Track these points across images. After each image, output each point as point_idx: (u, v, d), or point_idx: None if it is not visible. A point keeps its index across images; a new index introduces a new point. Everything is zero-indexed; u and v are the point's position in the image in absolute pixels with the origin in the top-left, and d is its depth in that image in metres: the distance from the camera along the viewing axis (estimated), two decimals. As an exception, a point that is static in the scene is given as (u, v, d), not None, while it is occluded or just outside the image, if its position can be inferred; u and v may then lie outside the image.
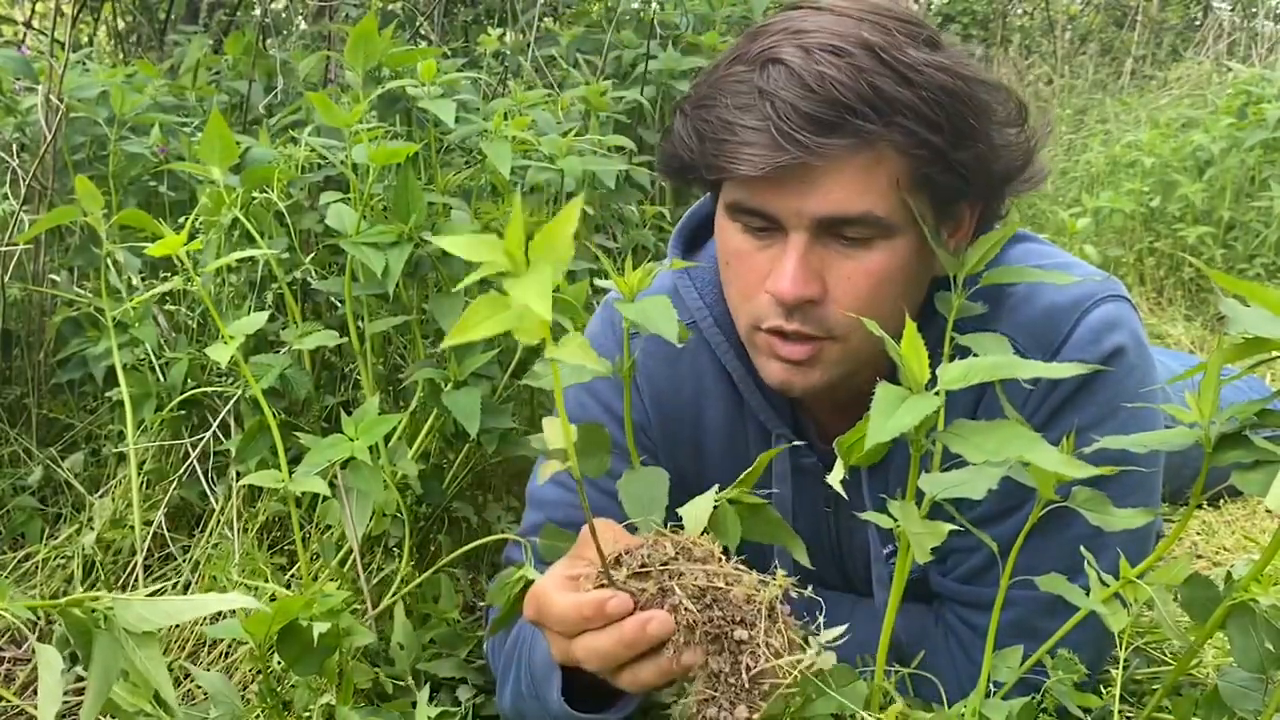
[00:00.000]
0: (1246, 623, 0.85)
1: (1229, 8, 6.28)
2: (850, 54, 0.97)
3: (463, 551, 1.36)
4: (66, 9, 2.01)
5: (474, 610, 1.54)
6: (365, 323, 1.47)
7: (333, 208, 1.42)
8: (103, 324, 1.60)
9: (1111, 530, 0.85)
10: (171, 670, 0.81)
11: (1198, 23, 6.47)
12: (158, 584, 1.54)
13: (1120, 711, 1.02)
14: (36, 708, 0.74)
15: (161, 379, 1.61)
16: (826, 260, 1.02)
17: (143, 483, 1.61)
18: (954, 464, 0.80)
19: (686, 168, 1.07)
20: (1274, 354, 0.77)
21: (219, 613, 1.36)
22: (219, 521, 1.55)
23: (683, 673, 0.82)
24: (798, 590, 0.84)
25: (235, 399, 1.57)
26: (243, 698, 1.13)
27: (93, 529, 1.58)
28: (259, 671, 1.16)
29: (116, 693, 0.87)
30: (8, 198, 1.80)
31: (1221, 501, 2.00)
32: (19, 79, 1.90)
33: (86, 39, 3.38)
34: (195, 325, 1.70)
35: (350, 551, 1.32)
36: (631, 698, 0.98)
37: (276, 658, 1.12)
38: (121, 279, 1.65)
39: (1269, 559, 0.82)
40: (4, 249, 1.76)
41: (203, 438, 1.59)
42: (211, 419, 1.59)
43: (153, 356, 1.61)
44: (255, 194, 1.51)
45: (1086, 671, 0.96)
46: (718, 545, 0.85)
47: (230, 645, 1.42)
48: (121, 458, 1.68)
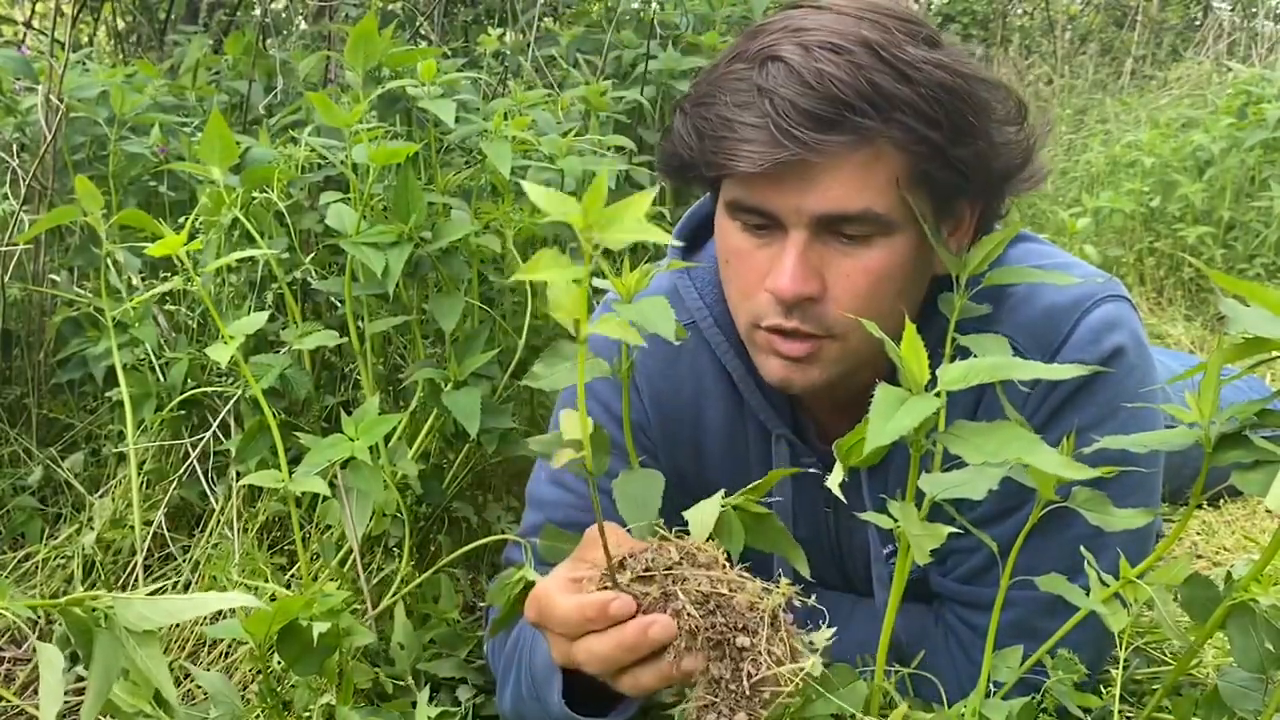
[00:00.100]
0: (1246, 623, 0.85)
1: (1229, 8, 6.28)
2: (849, 51, 0.97)
3: (463, 552, 1.36)
4: (66, 9, 2.01)
5: (474, 610, 1.54)
6: (365, 323, 1.47)
7: (333, 208, 1.42)
8: (103, 324, 1.60)
9: (1111, 530, 0.85)
10: (171, 670, 0.81)
11: (1198, 23, 6.47)
12: (158, 584, 1.54)
13: (1120, 711, 1.02)
14: (37, 708, 0.74)
15: (161, 379, 1.61)
16: (826, 258, 1.02)
17: (143, 483, 1.61)
18: (954, 464, 0.80)
19: (686, 166, 1.07)
20: (1274, 354, 0.77)
21: (219, 612, 1.36)
22: (219, 521, 1.55)
23: (683, 678, 0.82)
24: (800, 599, 0.83)
25: (235, 399, 1.57)
26: (243, 698, 1.13)
27: (93, 529, 1.58)
28: (259, 671, 1.16)
29: (116, 693, 0.87)
30: (8, 198, 1.80)
31: (1221, 501, 2.00)
32: (19, 79, 1.90)
33: (86, 39, 3.38)
34: (195, 325, 1.70)
35: (350, 551, 1.32)
36: (632, 701, 0.98)
37: (276, 658, 1.12)
38: (121, 279, 1.65)
39: (1269, 559, 0.82)
40: (4, 249, 1.76)
41: (203, 438, 1.59)
42: (211, 419, 1.59)
43: (153, 356, 1.61)
44: (255, 194, 1.51)
45: (1086, 671, 0.96)
46: (722, 551, 0.85)
47: (230, 645, 1.42)
48: (121, 458, 1.68)
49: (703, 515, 0.87)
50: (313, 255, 1.57)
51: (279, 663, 1.15)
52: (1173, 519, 1.79)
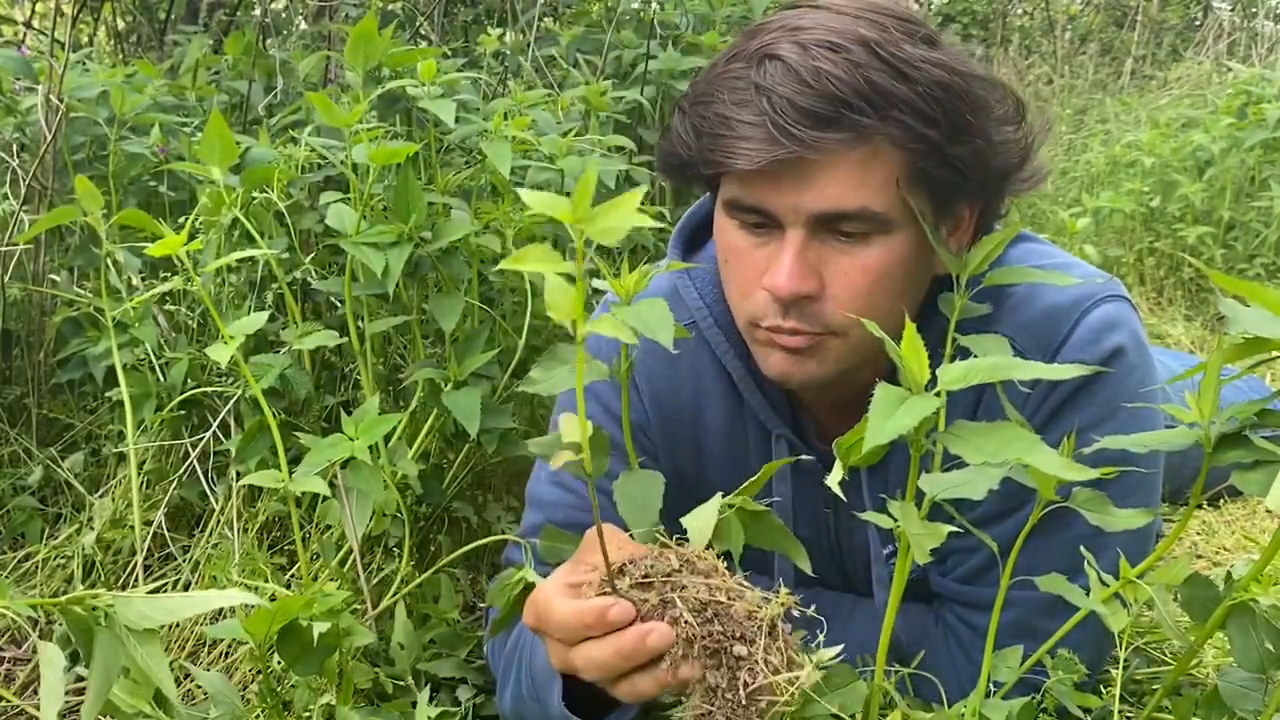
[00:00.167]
0: (1246, 623, 0.85)
1: (1229, 8, 6.28)
2: (847, 50, 0.97)
3: (463, 552, 1.36)
4: (66, 9, 2.01)
5: (474, 610, 1.54)
6: (365, 323, 1.47)
7: (333, 208, 1.42)
8: (103, 324, 1.60)
9: (1111, 530, 0.85)
10: (171, 670, 0.81)
11: (1198, 23, 6.47)
12: (158, 584, 1.54)
13: (1120, 711, 1.02)
14: (37, 707, 0.74)
15: (161, 379, 1.61)
16: (824, 256, 1.02)
17: (143, 483, 1.61)
18: (954, 464, 0.80)
19: (684, 165, 1.07)
20: (1274, 354, 0.77)
21: (219, 612, 1.36)
22: (219, 521, 1.55)
23: (680, 686, 0.82)
24: (800, 609, 0.83)
25: (235, 399, 1.57)
26: (243, 698, 1.13)
27: (93, 529, 1.58)
28: (259, 671, 1.16)
29: (116, 693, 0.87)
30: (8, 198, 1.80)
31: (1221, 501, 2.00)
32: (19, 79, 1.90)
33: (86, 39, 3.38)
34: (195, 325, 1.70)
35: (350, 551, 1.32)
36: (631, 704, 0.98)
37: (276, 658, 1.12)
38: (121, 279, 1.65)
39: (1269, 559, 0.82)
40: (4, 249, 1.76)
41: (203, 438, 1.59)
42: (211, 419, 1.59)
43: (153, 356, 1.61)
44: (255, 194, 1.51)
45: (1086, 671, 0.96)
46: (722, 560, 0.85)
47: (230, 645, 1.42)
48: (121, 458, 1.68)
49: (701, 521, 0.86)
50: (313, 255, 1.57)
51: (279, 663, 1.15)
52: (1173, 519, 1.79)
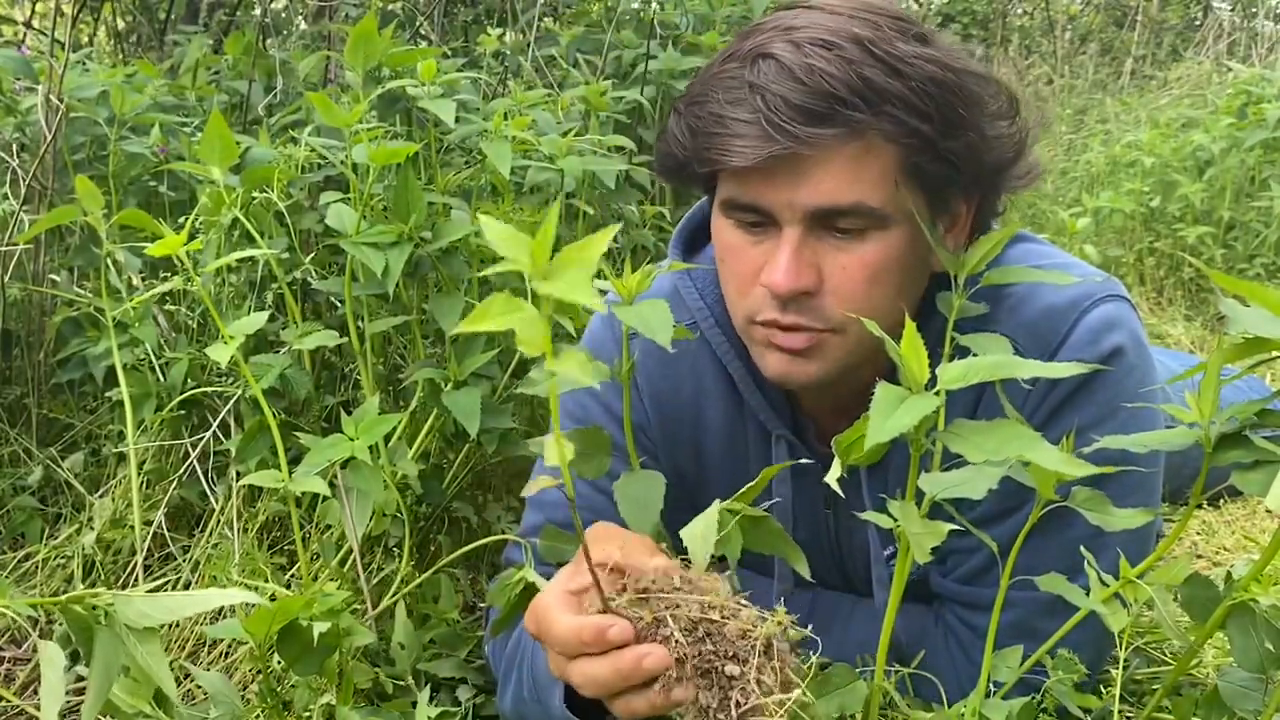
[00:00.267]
0: (1246, 623, 0.85)
1: (1229, 8, 6.28)
2: (840, 47, 0.98)
3: (463, 552, 1.36)
4: (66, 9, 2.01)
5: (474, 610, 1.54)
6: (365, 323, 1.47)
7: (333, 208, 1.42)
8: (103, 324, 1.60)
9: (1111, 530, 0.85)
10: (171, 670, 0.81)
11: (1198, 23, 6.47)
12: (158, 584, 1.53)
13: (1120, 711, 1.02)
14: (37, 707, 0.74)
15: (161, 379, 1.61)
16: (821, 253, 1.03)
17: (143, 483, 1.61)
18: (954, 464, 0.80)
19: (681, 165, 1.07)
20: (1274, 354, 0.77)
21: (219, 612, 1.36)
22: (219, 521, 1.55)
23: (673, 707, 0.82)
24: (798, 630, 0.83)
25: (235, 399, 1.57)
26: (243, 698, 1.13)
27: (93, 529, 1.58)
28: (259, 671, 1.16)
29: (116, 693, 0.87)
30: (8, 198, 1.80)
31: (1221, 501, 2.00)
32: (19, 79, 1.90)
33: (86, 39, 3.38)
34: (195, 325, 1.70)
35: (350, 551, 1.32)
36: None
37: (276, 658, 1.12)
38: (121, 279, 1.65)
39: (1269, 559, 0.82)
40: (4, 249, 1.76)
41: (203, 438, 1.59)
42: (211, 419, 1.59)
43: (153, 356, 1.61)
44: (255, 194, 1.51)
45: (1086, 671, 0.96)
46: (722, 576, 0.85)
47: (230, 645, 1.42)
48: (121, 458, 1.68)
49: (700, 533, 0.86)
50: (313, 255, 1.57)
51: (279, 663, 1.15)
52: (1173, 519, 1.79)
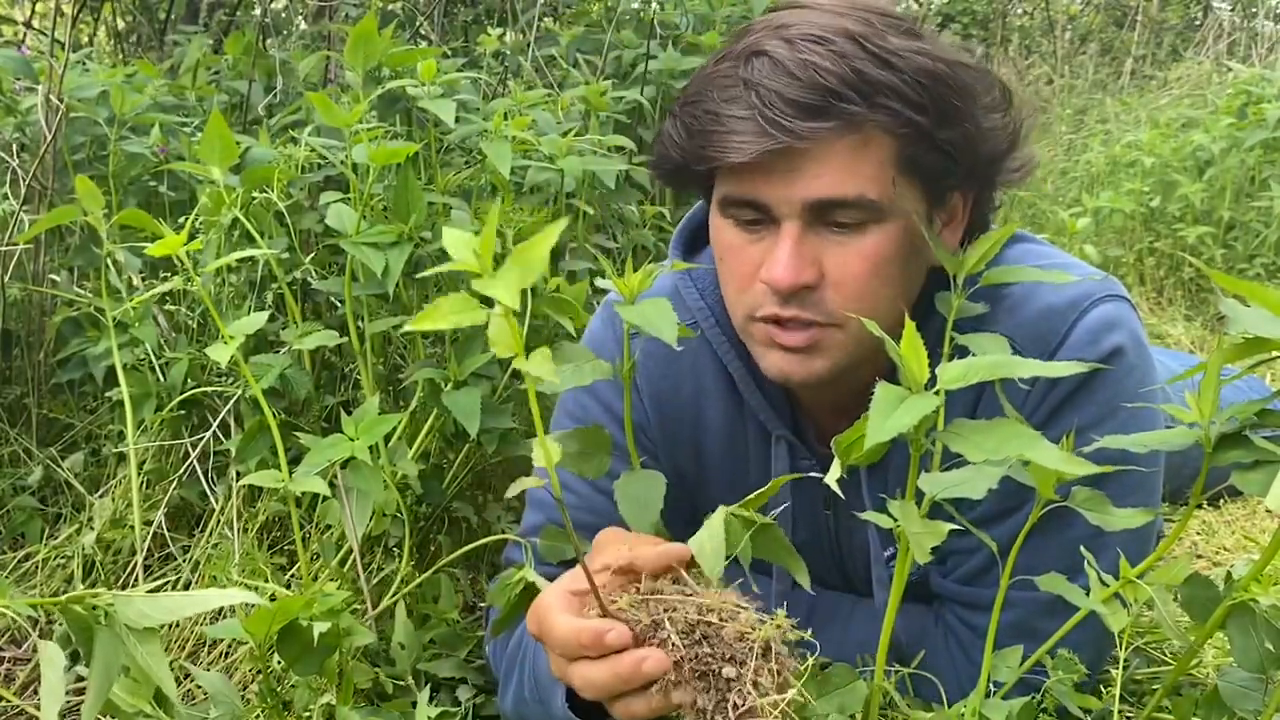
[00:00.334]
0: (1246, 623, 0.85)
1: (1229, 8, 6.28)
2: (832, 42, 0.99)
3: (463, 552, 1.36)
4: (66, 9, 2.01)
5: (474, 610, 1.54)
6: (365, 323, 1.47)
7: (333, 208, 1.42)
8: (103, 324, 1.60)
9: (1111, 530, 0.85)
10: (171, 670, 0.81)
11: (1198, 23, 6.47)
12: (158, 584, 1.53)
13: (1120, 711, 1.02)
14: (37, 707, 0.74)
15: (161, 379, 1.61)
16: (820, 248, 1.03)
17: (143, 483, 1.61)
18: (953, 464, 0.80)
19: (678, 166, 1.08)
20: (1274, 354, 0.77)
21: (219, 612, 1.36)
22: (219, 521, 1.55)
23: (671, 709, 0.82)
24: (797, 632, 0.83)
25: (235, 399, 1.57)
26: (243, 698, 1.13)
27: (93, 529, 1.58)
28: (259, 671, 1.16)
29: (117, 692, 0.87)
30: (8, 198, 1.80)
31: (1221, 501, 2.00)
32: (19, 79, 1.90)
33: (86, 39, 3.38)
34: (195, 325, 1.70)
35: (350, 551, 1.32)
36: None
37: (276, 658, 1.12)
38: (121, 279, 1.65)
39: (1269, 559, 0.82)
40: (4, 249, 1.76)
41: (203, 438, 1.59)
42: (211, 419, 1.59)
43: (153, 356, 1.61)
44: (255, 194, 1.51)
45: (1086, 672, 0.96)
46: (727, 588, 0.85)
47: (230, 645, 1.42)
48: (121, 458, 1.68)
49: (709, 543, 0.86)
50: (313, 255, 1.57)
51: (279, 663, 1.15)
52: (1173, 519, 1.79)
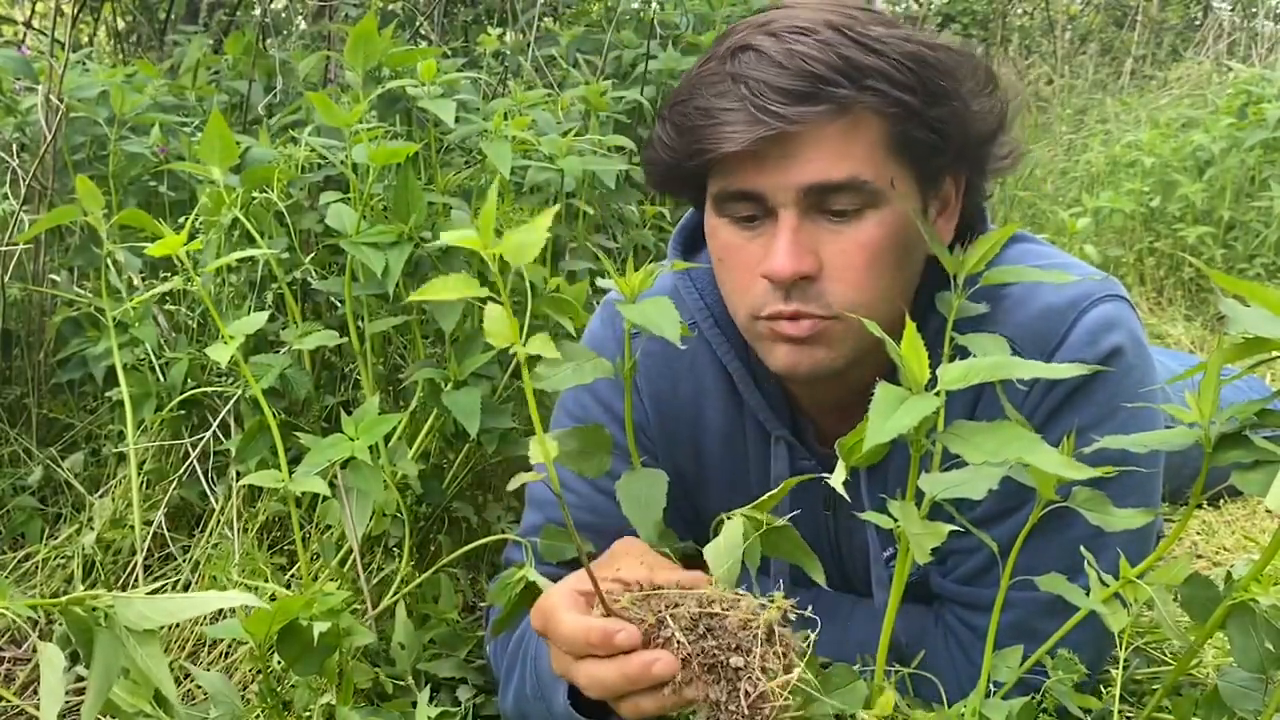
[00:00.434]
0: (1246, 623, 0.85)
1: (1229, 8, 6.28)
2: (817, 32, 1.01)
3: (463, 551, 1.36)
4: (66, 9, 2.01)
5: (474, 610, 1.54)
6: (365, 323, 1.47)
7: (333, 208, 1.42)
8: (103, 324, 1.60)
9: (1111, 530, 0.85)
10: (171, 670, 0.81)
11: (1198, 23, 6.47)
12: (158, 584, 1.54)
13: (1120, 711, 1.02)
14: (37, 707, 0.74)
15: (161, 379, 1.61)
16: (818, 237, 1.03)
17: (143, 483, 1.61)
18: (953, 464, 0.80)
19: (671, 168, 1.08)
20: (1274, 354, 0.77)
21: (219, 612, 1.36)
22: (219, 521, 1.55)
23: (685, 705, 0.82)
24: (797, 611, 0.83)
25: (235, 399, 1.57)
26: (243, 698, 1.13)
27: (93, 529, 1.58)
28: (259, 671, 1.16)
29: (116, 693, 0.87)
30: (8, 198, 1.80)
31: (1221, 501, 2.00)
32: (19, 79, 1.90)
33: (86, 39, 3.38)
34: (195, 325, 1.70)
35: (350, 551, 1.32)
36: None
37: (276, 658, 1.12)
38: (121, 279, 1.65)
39: (1269, 559, 0.82)
40: (4, 249, 1.76)
41: (203, 438, 1.59)
42: (211, 419, 1.59)
43: (153, 356, 1.61)
44: (255, 194, 1.51)
45: (1086, 672, 0.96)
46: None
47: (230, 645, 1.42)
48: (121, 458, 1.68)
49: (724, 552, 0.86)
50: (313, 255, 1.57)
51: (279, 663, 1.15)
52: (1173, 519, 1.79)
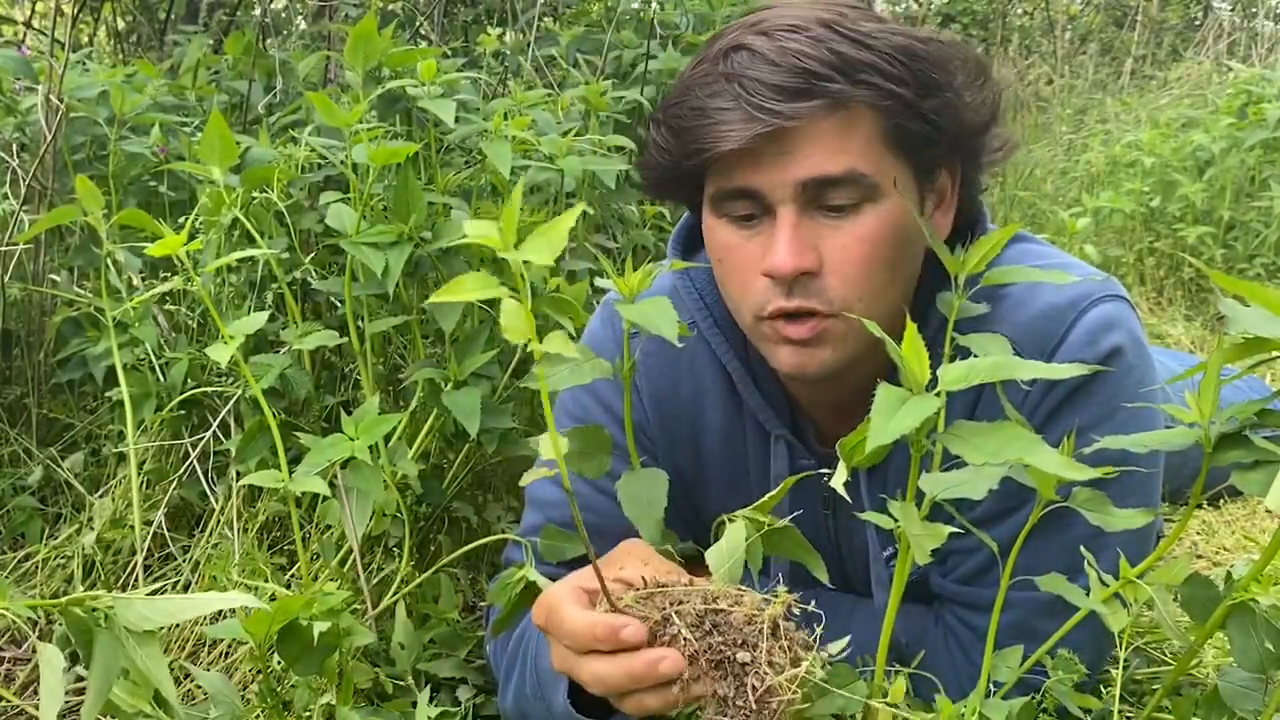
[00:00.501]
0: (1246, 623, 0.85)
1: (1229, 8, 6.28)
2: (808, 29, 1.01)
3: (463, 551, 1.36)
4: (66, 9, 2.01)
5: (474, 610, 1.54)
6: (365, 323, 1.47)
7: (333, 208, 1.42)
8: (103, 324, 1.60)
9: (1112, 530, 0.85)
10: (171, 670, 0.81)
11: (1198, 23, 6.47)
12: (158, 584, 1.54)
13: (1120, 711, 1.02)
14: (37, 708, 0.74)
15: (161, 379, 1.61)
16: (817, 233, 1.03)
17: (143, 483, 1.61)
18: (953, 464, 0.80)
19: (667, 171, 1.09)
20: (1274, 354, 0.77)
21: (219, 612, 1.36)
22: (219, 521, 1.55)
23: (693, 702, 0.82)
24: (800, 606, 0.83)
25: (235, 399, 1.57)
26: (243, 698, 1.13)
27: (93, 529, 1.58)
28: (259, 671, 1.16)
29: (116, 693, 0.87)
30: (8, 198, 1.80)
31: (1221, 501, 2.00)
32: (19, 79, 1.90)
33: (86, 39, 3.38)
34: (195, 325, 1.70)
35: (350, 551, 1.32)
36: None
37: (276, 658, 1.12)
38: (121, 279, 1.65)
39: (1269, 559, 0.82)
40: (4, 249, 1.76)
41: (203, 438, 1.59)
42: (211, 419, 1.59)
43: (153, 356, 1.61)
44: (255, 194, 1.51)
45: (1086, 672, 0.96)
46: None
47: (230, 645, 1.42)
48: (121, 458, 1.68)
49: (726, 555, 0.86)
50: (313, 255, 1.57)
51: (279, 663, 1.15)
52: (1173, 519, 1.79)
